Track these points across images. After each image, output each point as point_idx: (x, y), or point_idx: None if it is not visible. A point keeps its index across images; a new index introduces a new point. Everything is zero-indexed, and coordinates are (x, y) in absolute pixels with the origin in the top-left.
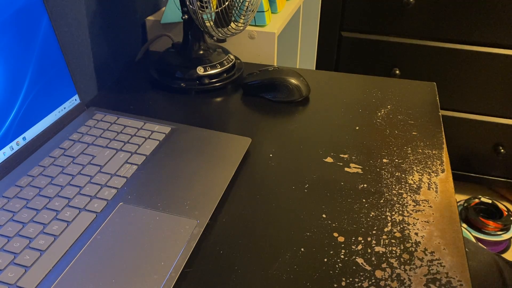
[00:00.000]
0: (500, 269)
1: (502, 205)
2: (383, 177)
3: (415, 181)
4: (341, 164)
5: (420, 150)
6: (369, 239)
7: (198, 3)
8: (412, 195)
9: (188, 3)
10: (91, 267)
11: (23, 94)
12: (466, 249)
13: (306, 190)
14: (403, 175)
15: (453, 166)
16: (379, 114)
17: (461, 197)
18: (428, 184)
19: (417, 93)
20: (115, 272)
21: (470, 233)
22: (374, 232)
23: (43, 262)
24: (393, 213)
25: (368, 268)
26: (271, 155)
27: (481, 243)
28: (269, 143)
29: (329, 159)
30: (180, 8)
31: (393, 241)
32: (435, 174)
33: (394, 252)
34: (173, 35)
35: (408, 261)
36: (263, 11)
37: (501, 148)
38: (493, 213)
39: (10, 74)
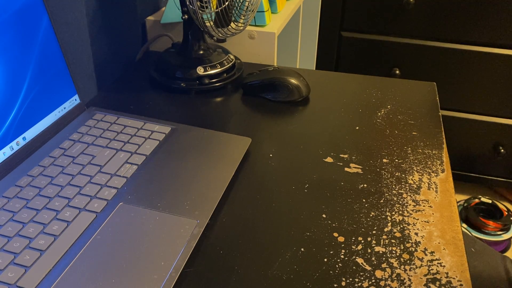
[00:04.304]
0: (507, 270)
1: (502, 205)
2: (383, 177)
3: (415, 181)
4: (341, 164)
5: (420, 150)
6: (369, 239)
7: (198, 3)
8: (412, 195)
9: (188, 3)
10: (91, 267)
11: (23, 94)
12: (472, 249)
13: (306, 190)
14: (403, 175)
15: (453, 166)
16: (379, 114)
17: (461, 197)
18: (428, 184)
19: (417, 93)
20: (115, 272)
21: (470, 233)
22: (374, 232)
23: (43, 262)
24: (393, 213)
25: (368, 268)
26: (271, 155)
27: None
28: (269, 143)
29: (329, 159)
30: (180, 8)
31: (393, 241)
32: (435, 174)
33: (394, 252)
34: (173, 35)
35: (408, 261)
36: (263, 11)
37: (501, 148)
38: (493, 213)
39: (10, 74)
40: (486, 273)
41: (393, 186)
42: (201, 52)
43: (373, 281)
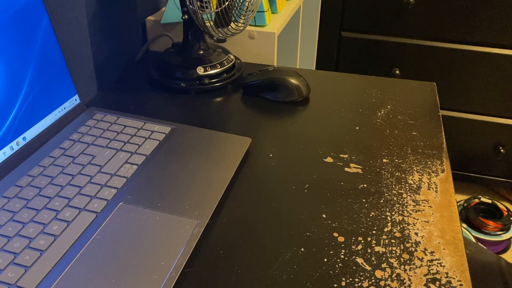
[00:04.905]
0: (501, 271)
1: (502, 205)
2: (383, 177)
3: (415, 181)
4: (341, 164)
5: (420, 150)
6: (369, 239)
7: (198, 3)
8: (412, 195)
9: (188, 3)
10: (91, 267)
11: (23, 94)
12: (467, 251)
13: (306, 190)
14: (403, 175)
15: (453, 166)
16: (379, 114)
17: (461, 197)
18: (428, 184)
19: (417, 93)
20: (115, 272)
21: (470, 233)
22: (374, 232)
23: (43, 262)
24: (393, 213)
25: (368, 268)
26: (271, 155)
27: (481, 243)
28: (269, 143)
29: (329, 159)
30: (180, 8)
31: (393, 241)
32: (435, 174)
33: (394, 252)
34: (173, 35)
35: (408, 261)
36: (263, 11)
37: (501, 148)
38: (493, 213)
39: (10, 74)
40: (481, 274)
41: (393, 186)
42: (201, 52)
43: (373, 281)
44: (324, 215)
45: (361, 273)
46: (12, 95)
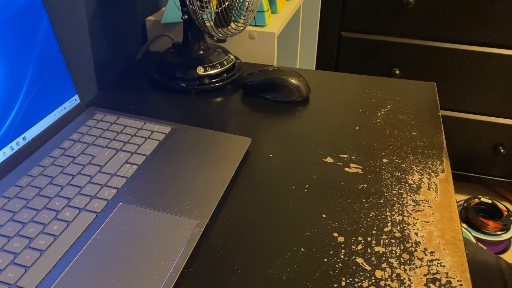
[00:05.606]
0: (501, 271)
1: (502, 205)
2: (383, 177)
3: (415, 181)
4: (341, 164)
5: (420, 150)
6: (369, 239)
7: (198, 3)
8: (412, 195)
9: (188, 3)
10: (91, 267)
11: (23, 94)
12: (466, 251)
13: (306, 190)
14: (403, 175)
15: (453, 166)
16: (379, 114)
17: (461, 197)
18: (428, 184)
19: (417, 93)
20: (115, 272)
21: (470, 233)
22: (374, 232)
23: (43, 262)
24: (393, 213)
25: (368, 268)
26: (271, 155)
27: (481, 243)
28: (269, 143)
29: (329, 159)
30: (180, 8)
31: (393, 241)
32: (435, 174)
33: (394, 252)
34: (173, 35)
35: (408, 261)
36: (263, 11)
37: (501, 148)
38: (493, 213)
39: (10, 74)
40: (481, 274)
41: (393, 186)
42: (201, 52)
43: (373, 281)
44: (324, 215)
45: (361, 273)
46: (12, 95)
